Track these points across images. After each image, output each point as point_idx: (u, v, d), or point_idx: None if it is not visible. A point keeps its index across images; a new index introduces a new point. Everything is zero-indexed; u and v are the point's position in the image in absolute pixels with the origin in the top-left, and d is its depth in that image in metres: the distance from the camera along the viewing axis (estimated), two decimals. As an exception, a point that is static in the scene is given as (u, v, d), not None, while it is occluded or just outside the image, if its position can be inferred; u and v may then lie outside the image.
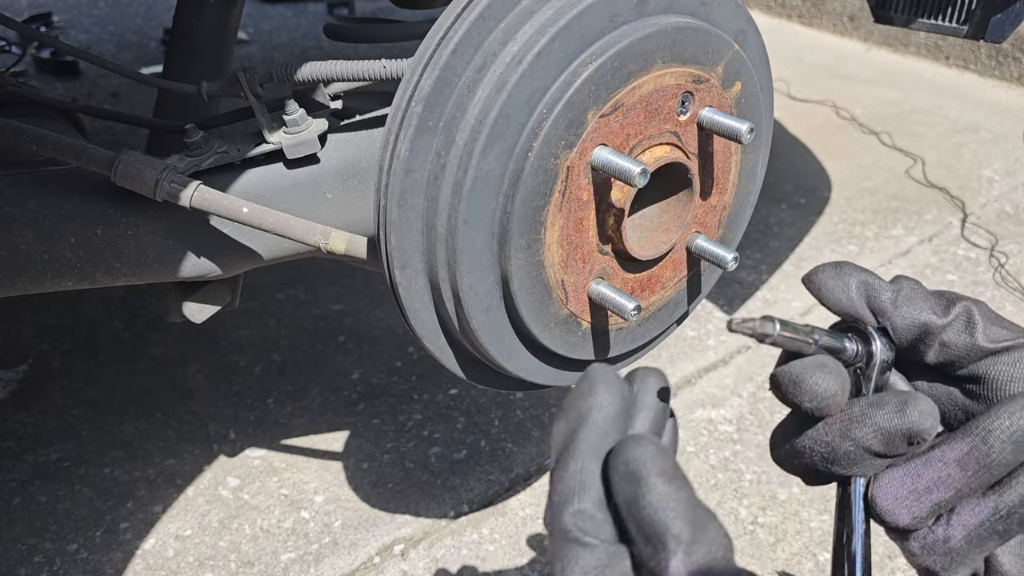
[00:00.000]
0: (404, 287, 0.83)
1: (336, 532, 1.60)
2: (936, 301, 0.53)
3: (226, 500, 1.67)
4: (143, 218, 0.98)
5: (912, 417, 0.48)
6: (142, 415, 1.88)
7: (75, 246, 0.96)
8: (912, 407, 0.48)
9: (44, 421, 1.86)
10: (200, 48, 1.15)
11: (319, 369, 2.03)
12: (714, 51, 0.86)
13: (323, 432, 1.84)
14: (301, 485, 1.70)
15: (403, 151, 0.77)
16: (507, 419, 1.87)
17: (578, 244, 0.84)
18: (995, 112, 3.55)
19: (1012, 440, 0.46)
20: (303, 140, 0.97)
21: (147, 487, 1.69)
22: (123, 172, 0.90)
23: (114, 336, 2.15)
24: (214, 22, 1.16)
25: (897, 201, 2.85)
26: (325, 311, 2.25)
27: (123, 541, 1.58)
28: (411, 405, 1.92)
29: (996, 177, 3.00)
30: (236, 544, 1.57)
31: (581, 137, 0.78)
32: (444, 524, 1.62)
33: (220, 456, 1.77)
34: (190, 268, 1.02)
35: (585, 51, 0.78)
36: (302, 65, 0.95)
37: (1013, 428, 0.46)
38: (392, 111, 0.78)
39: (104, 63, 1.06)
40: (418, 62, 0.77)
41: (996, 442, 0.46)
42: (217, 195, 0.91)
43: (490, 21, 0.77)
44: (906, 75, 4.02)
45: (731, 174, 0.96)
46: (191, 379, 1.99)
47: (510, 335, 0.88)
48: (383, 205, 0.80)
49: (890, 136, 3.33)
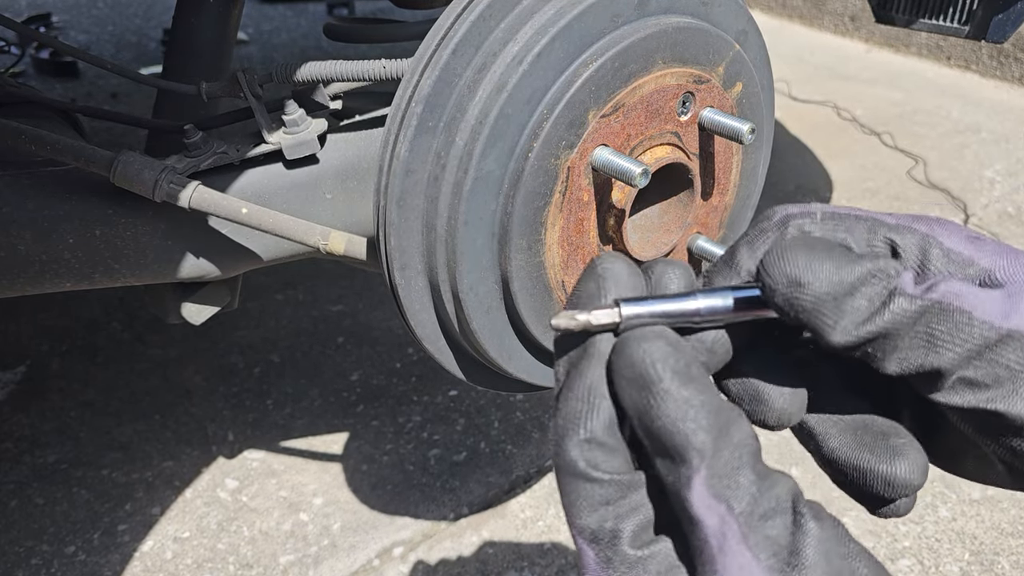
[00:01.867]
0: (404, 288, 0.83)
1: (335, 534, 1.59)
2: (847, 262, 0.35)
3: (225, 502, 1.66)
4: (142, 219, 0.98)
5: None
6: (140, 417, 1.87)
7: (74, 247, 0.96)
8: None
9: (42, 423, 1.85)
10: (199, 48, 1.15)
11: (318, 371, 2.02)
12: (715, 51, 0.86)
13: (322, 434, 1.84)
14: (300, 487, 1.70)
15: (403, 151, 0.77)
16: (507, 421, 1.87)
17: (579, 245, 0.84)
18: (997, 113, 3.55)
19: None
20: (302, 140, 0.97)
21: (145, 489, 1.69)
22: (122, 173, 0.89)
23: (112, 337, 2.14)
24: (214, 22, 1.15)
25: (899, 202, 2.85)
26: (324, 312, 2.25)
27: (121, 543, 1.57)
28: (411, 407, 1.91)
29: (998, 178, 3.00)
30: (235, 546, 1.57)
31: (582, 137, 0.78)
32: (444, 527, 1.61)
33: (219, 458, 1.76)
34: (189, 269, 1.02)
35: (586, 51, 0.77)
36: (301, 65, 0.94)
37: None
38: (392, 111, 0.78)
39: (103, 63, 1.06)
40: (418, 62, 0.77)
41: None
42: (216, 196, 0.91)
43: (490, 21, 0.76)
44: (907, 75, 4.02)
45: (732, 174, 0.95)
46: (190, 381, 1.98)
47: (510, 336, 0.88)
48: (383, 206, 0.79)
49: (892, 137, 3.33)
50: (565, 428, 0.36)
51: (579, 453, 0.35)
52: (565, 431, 0.36)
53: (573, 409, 0.36)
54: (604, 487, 0.34)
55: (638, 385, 0.34)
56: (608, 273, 0.39)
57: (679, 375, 0.34)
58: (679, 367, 0.34)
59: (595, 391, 0.36)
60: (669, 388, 0.33)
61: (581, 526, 0.35)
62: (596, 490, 0.34)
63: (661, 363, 0.34)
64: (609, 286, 0.38)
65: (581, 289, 0.39)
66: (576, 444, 0.35)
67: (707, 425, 0.33)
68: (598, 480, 0.34)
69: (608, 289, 0.38)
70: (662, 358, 0.34)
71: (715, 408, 0.33)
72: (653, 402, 0.33)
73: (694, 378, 0.34)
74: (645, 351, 0.34)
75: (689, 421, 0.33)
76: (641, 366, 0.34)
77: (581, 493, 0.35)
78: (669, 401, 0.33)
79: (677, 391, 0.33)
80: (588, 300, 0.38)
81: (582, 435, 0.35)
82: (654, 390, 0.33)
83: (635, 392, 0.34)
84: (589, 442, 0.35)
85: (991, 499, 1.60)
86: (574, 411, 0.36)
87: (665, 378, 0.33)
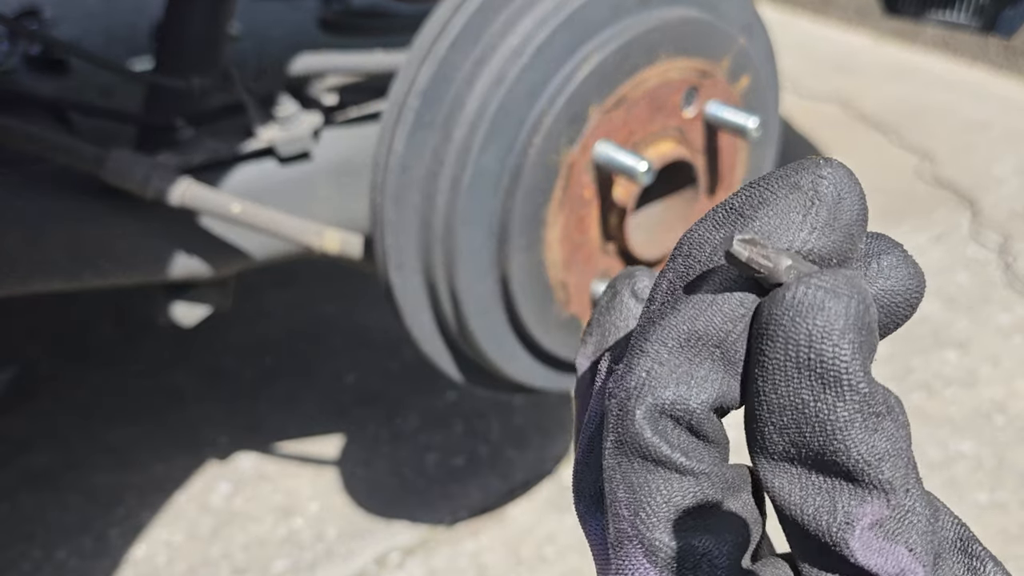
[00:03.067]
0: (400, 288, 0.81)
1: (331, 540, 1.56)
2: None
3: (218, 507, 1.64)
4: (132, 217, 0.95)
5: None
6: (132, 420, 1.84)
7: (63, 246, 0.94)
8: None
9: (32, 426, 1.83)
10: (191, 43, 1.13)
11: (313, 373, 2.00)
12: (720, 44, 0.84)
13: (317, 437, 1.81)
14: (294, 492, 1.67)
15: (399, 147, 0.74)
16: (507, 425, 1.84)
17: (580, 243, 0.82)
18: (1006, 109, 3.52)
19: None
20: (296, 137, 0.95)
21: (137, 493, 1.66)
22: (112, 170, 0.87)
23: (103, 339, 2.11)
24: (205, 16, 1.13)
25: (906, 199, 2.83)
26: (319, 313, 2.22)
27: (113, 548, 1.54)
28: (407, 410, 1.89)
29: (1007, 175, 2.97)
30: (228, 552, 1.54)
31: (583, 133, 0.76)
32: (441, 532, 1.59)
33: (211, 462, 1.74)
34: (180, 268, 0.99)
35: (587, 44, 0.75)
36: (295, 60, 0.92)
37: None
38: (388, 106, 0.76)
39: (94, 59, 1.04)
40: (415, 55, 0.74)
41: None
42: (208, 193, 0.88)
43: (490, 13, 0.74)
44: (916, 70, 3.99)
45: (737, 171, 0.93)
46: (182, 383, 1.96)
47: (510, 337, 0.85)
48: (378, 203, 0.77)
49: (899, 133, 3.30)
50: (637, 390, 0.24)
51: (655, 427, 0.23)
52: (636, 394, 0.24)
53: (667, 361, 0.24)
54: (700, 483, 0.24)
55: (816, 377, 0.22)
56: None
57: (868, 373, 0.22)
58: (864, 364, 0.22)
59: (695, 344, 0.24)
60: (866, 392, 0.22)
61: (651, 541, 0.24)
62: (688, 486, 0.24)
63: (855, 349, 0.22)
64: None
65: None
66: (651, 412, 0.23)
67: (896, 450, 0.22)
68: (691, 472, 0.24)
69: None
70: (855, 341, 0.22)
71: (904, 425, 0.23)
72: (836, 416, 0.22)
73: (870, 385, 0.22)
74: (832, 312, 0.22)
75: (886, 458, 0.22)
76: (822, 343, 0.21)
77: (660, 489, 0.24)
78: (858, 430, 0.22)
79: (872, 417, 0.22)
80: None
81: (669, 395, 0.23)
82: (840, 397, 0.22)
83: (807, 385, 0.22)
84: (682, 418, 0.24)
85: (999, 503, 1.58)
86: (670, 364, 0.24)
87: (857, 380, 0.22)
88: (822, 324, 0.22)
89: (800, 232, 0.23)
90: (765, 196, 0.24)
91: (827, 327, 0.22)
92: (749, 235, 0.23)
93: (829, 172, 0.24)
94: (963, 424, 1.72)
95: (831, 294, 0.22)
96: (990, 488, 1.59)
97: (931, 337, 2.00)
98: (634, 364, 0.24)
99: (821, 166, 0.24)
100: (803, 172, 0.24)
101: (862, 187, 0.24)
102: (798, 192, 0.24)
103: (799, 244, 0.23)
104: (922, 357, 1.93)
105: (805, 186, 0.24)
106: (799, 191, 0.24)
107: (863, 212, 0.24)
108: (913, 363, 1.91)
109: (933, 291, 2.21)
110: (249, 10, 1.62)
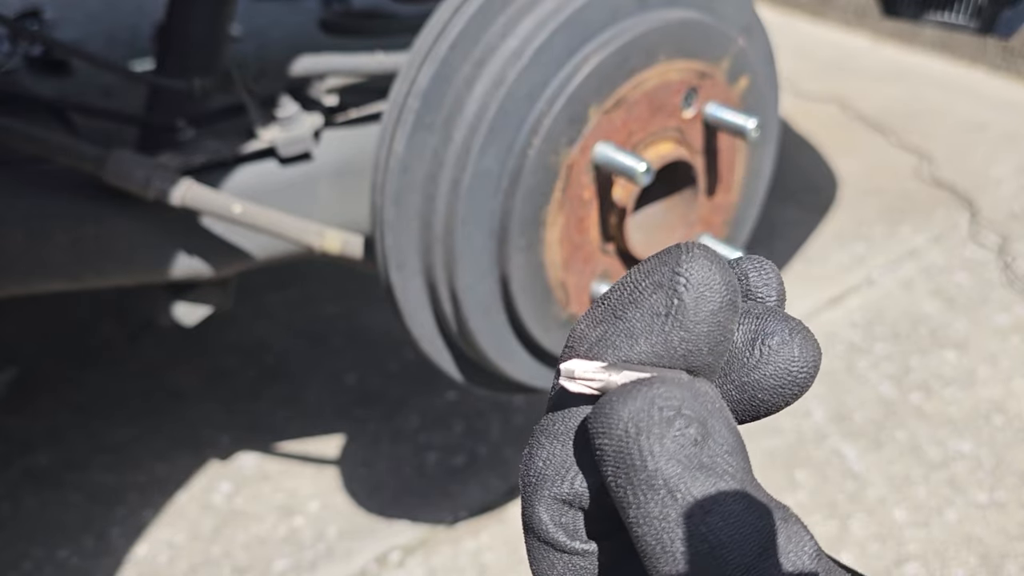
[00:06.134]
0: (400, 288, 0.81)
1: (331, 540, 1.57)
2: None
3: (219, 506, 1.64)
4: (133, 217, 0.96)
5: None
6: (133, 419, 1.85)
7: (64, 246, 0.94)
8: None
9: (33, 425, 1.83)
10: (192, 44, 1.13)
11: (313, 373, 2.00)
12: (719, 45, 0.84)
13: (318, 437, 1.81)
14: (295, 491, 1.68)
15: (399, 148, 0.75)
16: (507, 424, 1.84)
17: (580, 244, 0.82)
18: (1005, 110, 3.53)
19: None
20: (297, 137, 0.95)
21: (138, 493, 1.66)
22: (113, 170, 0.88)
23: (104, 339, 2.12)
24: (207, 18, 1.13)
25: (905, 200, 2.83)
26: (320, 313, 2.23)
27: (114, 548, 1.55)
28: (408, 410, 1.89)
29: (1005, 176, 2.98)
30: (229, 551, 1.54)
31: (583, 134, 0.76)
32: (442, 532, 1.59)
33: (212, 461, 1.74)
34: (181, 269, 1.00)
35: (587, 45, 0.75)
36: (296, 61, 0.92)
37: None
38: (388, 107, 0.76)
39: (95, 60, 1.04)
40: (415, 56, 0.75)
41: None
42: (209, 193, 0.89)
43: (490, 14, 0.75)
44: (915, 71, 4.00)
45: (737, 172, 0.93)
46: (183, 383, 1.96)
47: (510, 337, 0.86)
48: (379, 204, 0.78)
49: (898, 134, 3.31)
50: (536, 484, 0.27)
51: (548, 516, 0.27)
52: (536, 488, 0.27)
53: (559, 453, 0.27)
54: (585, 560, 0.27)
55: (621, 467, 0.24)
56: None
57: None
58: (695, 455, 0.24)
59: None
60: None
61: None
62: (577, 563, 0.27)
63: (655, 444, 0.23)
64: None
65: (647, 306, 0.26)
66: (547, 501, 0.27)
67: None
68: (567, 550, 0.27)
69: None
70: (660, 436, 0.23)
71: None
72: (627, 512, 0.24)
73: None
74: (629, 413, 0.23)
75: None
76: (623, 441, 0.23)
77: (555, 564, 0.27)
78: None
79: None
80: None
81: (554, 489, 0.26)
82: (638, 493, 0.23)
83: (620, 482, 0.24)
84: (568, 503, 0.27)
85: (998, 503, 1.58)
86: (560, 455, 0.27)
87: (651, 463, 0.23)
88: (619, 435, 0.23)
89: (663, 329, 0.25)
90: (634, 296, 0.26)
91: (624, 437, 0.23)
92: (573, 364, 0.25)
93: (687, 268, 0.25)
94: (962, 424, 1.73)
95: (622, 401, 0.23)
96: (989, 488, 1.60)
97: (930, 337, 2.00)
98: (533, 454, 0.27)
99: (681, 262, 0.25)
100: (664, 269, 0.25)
101: (727, 273, 0.25)
102: (660, 292, 0.25)
103: (662, 344, 0.25)
104: (921, 357, 1.93)
105: (666, 284, 0.25)
106: (661, 290, 0.25)
107: (729, 299, 0.25)
108: (912, 363, 1.91)
109: (932, 291, 2.22)
110: (250, 11, 1.62)
